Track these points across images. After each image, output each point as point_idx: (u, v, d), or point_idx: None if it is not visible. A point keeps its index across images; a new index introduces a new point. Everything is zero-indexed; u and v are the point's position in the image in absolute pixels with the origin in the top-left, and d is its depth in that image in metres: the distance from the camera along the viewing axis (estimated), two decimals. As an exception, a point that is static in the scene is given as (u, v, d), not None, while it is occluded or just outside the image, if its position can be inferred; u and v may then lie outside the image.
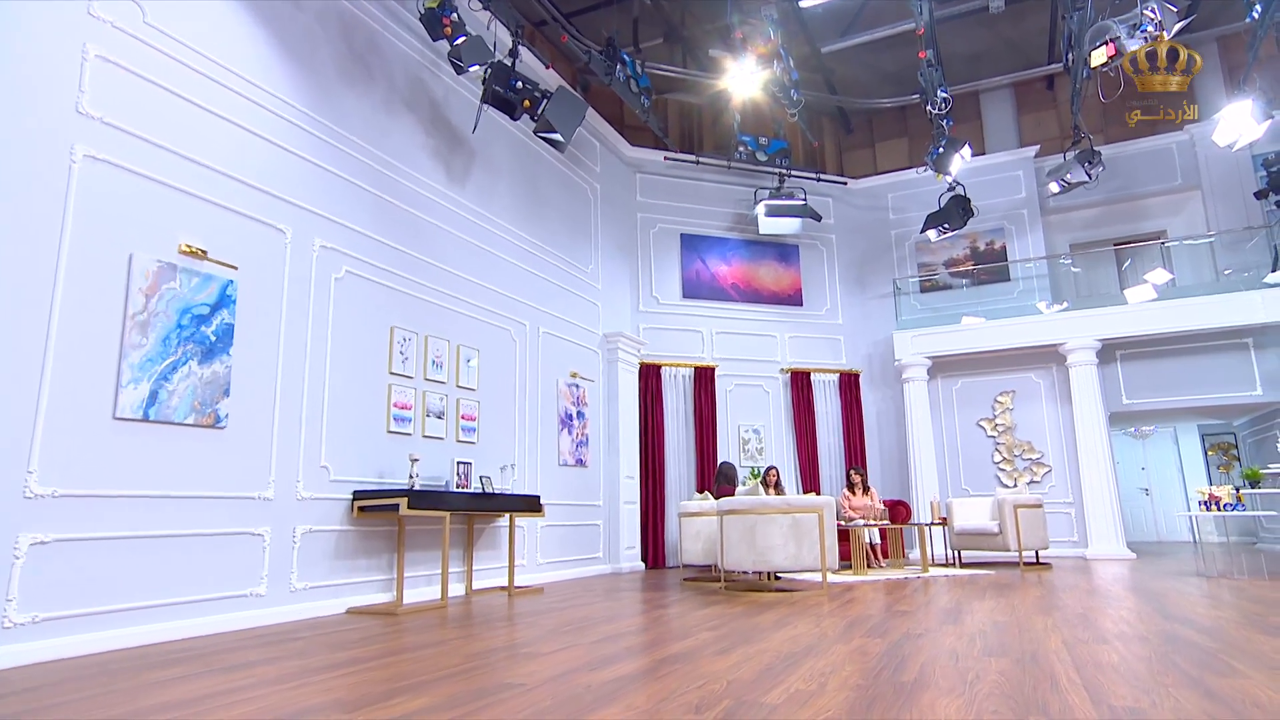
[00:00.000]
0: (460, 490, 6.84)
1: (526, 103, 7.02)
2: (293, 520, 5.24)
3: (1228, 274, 10.91)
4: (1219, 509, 7.40)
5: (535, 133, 7.32)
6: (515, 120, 7.38)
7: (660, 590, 7.25)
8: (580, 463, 9.36)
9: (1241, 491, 7.45)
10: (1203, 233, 11.66)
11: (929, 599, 6.00)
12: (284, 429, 5.27)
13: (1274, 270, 10.40)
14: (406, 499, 5.68)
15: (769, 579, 7.61)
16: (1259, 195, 10.36)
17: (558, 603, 6.23)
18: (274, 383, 5.24)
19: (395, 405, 6.45)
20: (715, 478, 8.99)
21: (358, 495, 5.82)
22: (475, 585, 7.18)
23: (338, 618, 5.27)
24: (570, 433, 9.25)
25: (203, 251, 4.71)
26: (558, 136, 7.29)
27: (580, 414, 9.52)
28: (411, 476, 6.14)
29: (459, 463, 6.94)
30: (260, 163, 5.34)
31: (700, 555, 7.85)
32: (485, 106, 7.11)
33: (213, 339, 4.71)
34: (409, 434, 6.58)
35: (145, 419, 4.26)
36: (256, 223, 5.23)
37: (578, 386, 9.51)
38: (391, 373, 6.47)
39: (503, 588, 7.22)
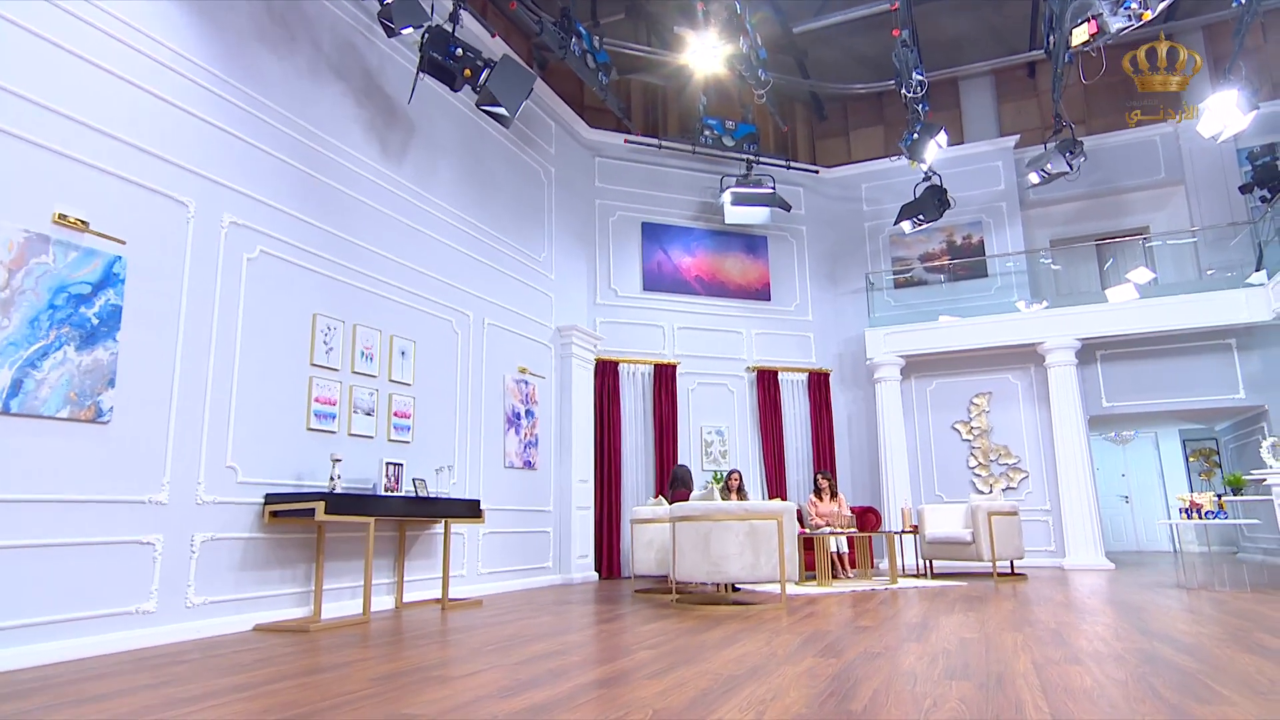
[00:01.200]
0: (389, 494, 6.53)
1: (467, 71, 6.72)
2: (191, 527, 4.90)
3: (1210, 274, 10.91)
4: (1200, 517, 7.32)
5: (478, 105, 7.02)
6: (456, 91, 7.08)
7: (608, 603, 7.00)
8: (528, 465, 9.07)
9: (1223, 499, 7.38)
10: (1186, 229, 11.68)
11: (894, 613, 5.82)
12: (182, 425, 4.93)
13: (1257, 269, 10.41)
14: (324, 503, 5.36)
15: (727, 591, 7.39)
16: (1244, 189, 10.36)
17: (493, 617, 5.95)
18: (171, 373, 4.90)
19: (317, 400, 6.12)
20: (669, 482, 8.76)
21: (270, 499, 5.48)
22: (407, 598, 6.87)
23: (241, 636, 4.94)
24: (518, 433, 8.96)
25: (83, 223, 4.36)
26: (502, 110, 7.00)
27: (529, 413, 9.24)
28: (332, 478, 5.82)
29: (389, 464, 6.63)
30: (159, 127, 4.99)
31: (653, 565, 7.61)
32: (422, 75, 6.80)
33: (95, 322, 4.36)
34: (333, 432, 6.25)
35: (6, 411, 3.90)
36: (152, 193, 4.88)
37: (527, 383, 9.23)
38: (313, 364, 6.13)
39: (437, 601, 6.91)
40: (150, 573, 4.59)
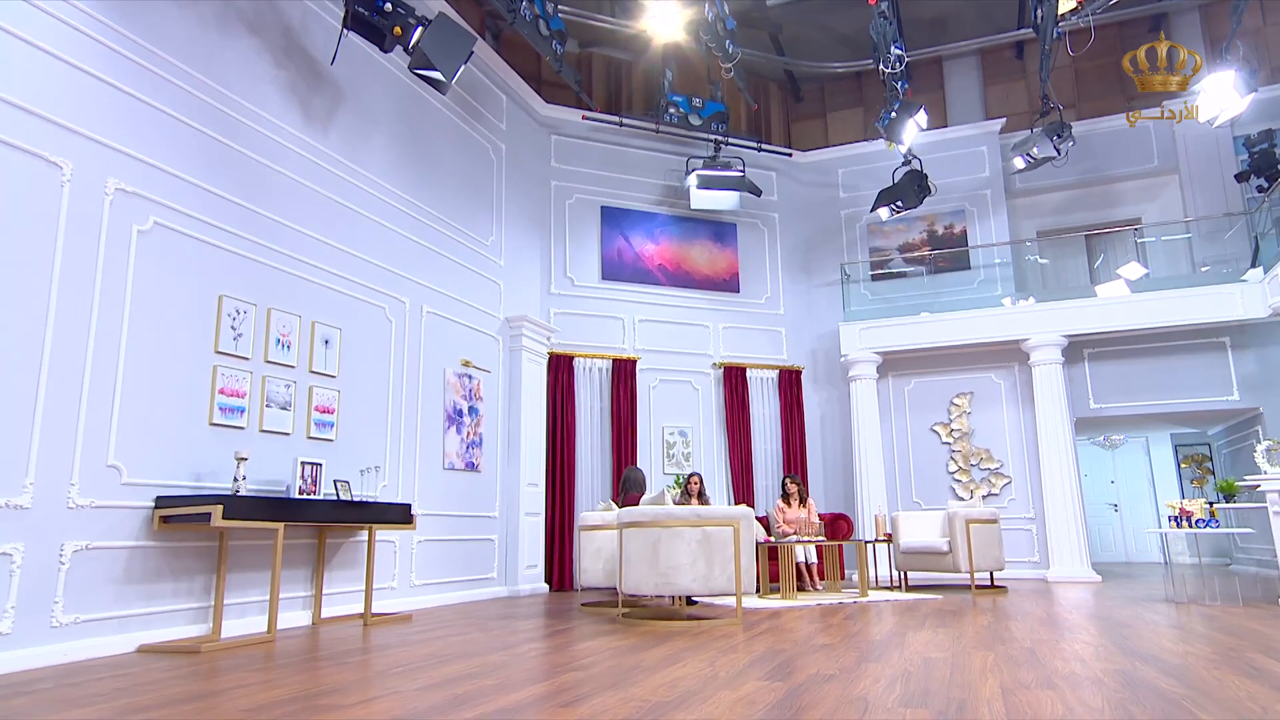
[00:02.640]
0: (305, 497, 6.18)
1: (397, 29, 6.39)
2: (60, 534, 4.53)
3: (1205, 270, 10.83)
4: (1190, 525, 7.17)
5: (411, 69, 6.68)
6: (386, 51, 6.74)
7: (551, 617, 6.72)
8: (471, 466, 8.76)
9: (1215, 506, 7.24)
10: (1179, 220, 11.60)
11: (858, 629, 5.58)
12: (52, 419, 4.56)
13: (1253, 264, 10.34)
14: (222, 506, 5.01)
15: (682, 604, 7.14)
16: (1240, 178, 10.29)
17: (417, 634, 5.64)
18: (38, 358, 4.53)
19: (222, 392, 5.77)
20: (620, 485, 8.49)
21: (160, 502, 5.13)
22: (328, 613, 6.53)
23: (117, 660, 4.59)
24: (459, 431, 8.64)
25: (-73, 182, 3.99)
26: (438, 75, 6.66)
27: (473, 410, 8.92)
28: (236, 479, 5.48)
29: (305, 464, 6.28)
30: (25, 77, 4.61)
31: (601, 576, 7.33)
32: (348, 33, 6.47)
33: (-59, 296, 3.99)
34: (241, 427, 5.90)
35: None
36: (16, 151, 4.50)
37: (471, 378, 8.91)
38: (219, 352, 5.78)
39: (360, 616, 6.58)
40: (5, 587, 4.22)
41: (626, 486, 8.21)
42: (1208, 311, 10.06)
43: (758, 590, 8.46)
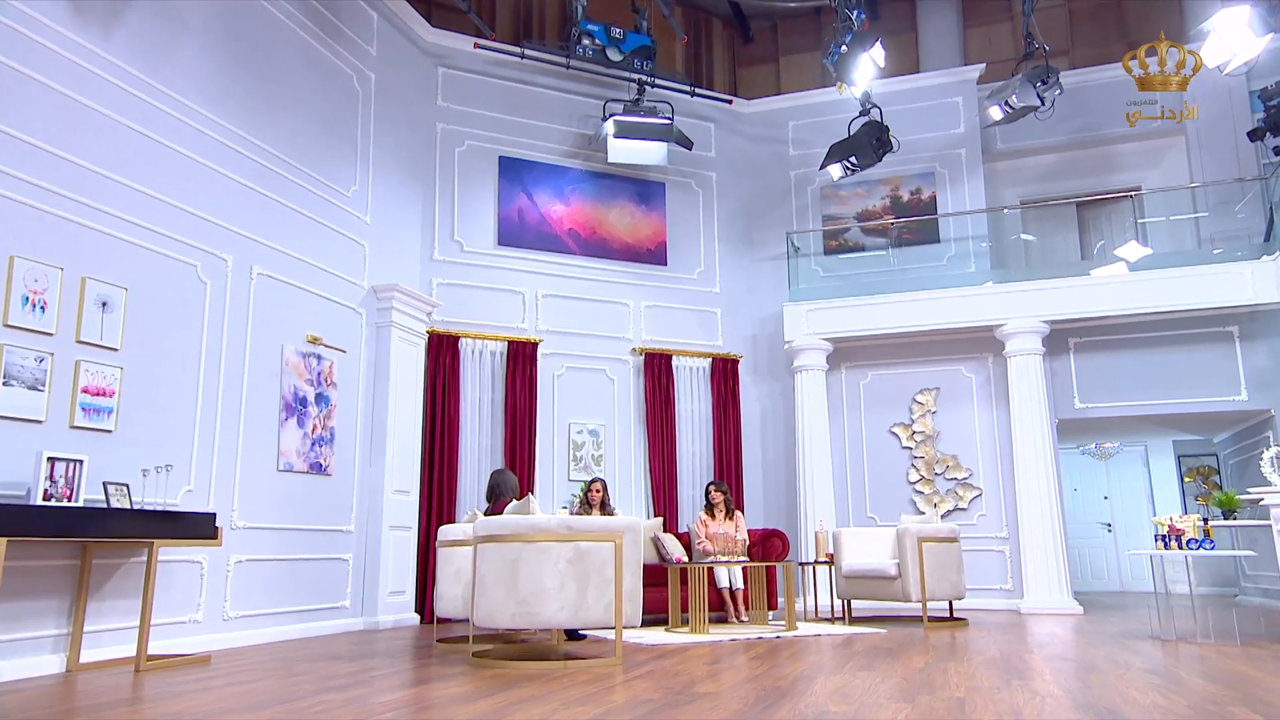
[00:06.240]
0: (52, 504, 5.43)
1: (191, -100, 5.69)
2: None
3: (1218, 253, 10.53)
4: (1182, 546, 6.75)
5: (216, -45, 5.99)
6: (183, -68, 6.03)
7: (391, 658, 6.11)
8: (318, 468, 8.07)
9: (1210, 524, 6.82)
10: (1184, 187, 11.34)
11: (762, 672, 5.04)
12: None
13: (1267, 239, 10.05)
14: (-95, 511, 4.28)
15: (563, 639, 6.54)
16: (1253, 135, 9.98)
17: (194, 684, 4.96)
18: None
19: (-65, 361, 5.02)
20: (488, 491, 7.88)
21: None
22: (98, 655, 5.76)
23: None
24: (302, 424, 7.95)
25: None
26: (252, -37, 5.99)
27: (322, 398, 8.24)
28: (-57, 476, 4.73)
29: (57, 461, 5.52)
30: None
31: (460, 604, 6.69)
32: (129, -96, 5.75)
33: None
34: (-36, 410, 5.15)
35: None
36: None
37: (320, 358, 8.23)
38: (-73, 309, 5.03)
39: (132, 660, 5.84)
40: None
41: (497, 492, 7.59)
42: (1212, 294, 9.73)
43: (667, 623, 7.93)
